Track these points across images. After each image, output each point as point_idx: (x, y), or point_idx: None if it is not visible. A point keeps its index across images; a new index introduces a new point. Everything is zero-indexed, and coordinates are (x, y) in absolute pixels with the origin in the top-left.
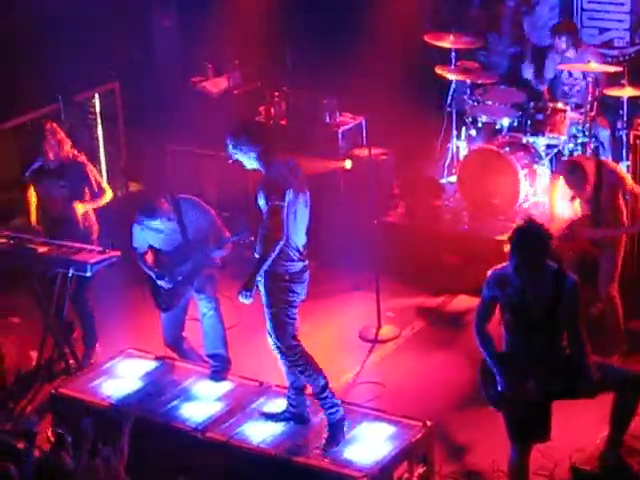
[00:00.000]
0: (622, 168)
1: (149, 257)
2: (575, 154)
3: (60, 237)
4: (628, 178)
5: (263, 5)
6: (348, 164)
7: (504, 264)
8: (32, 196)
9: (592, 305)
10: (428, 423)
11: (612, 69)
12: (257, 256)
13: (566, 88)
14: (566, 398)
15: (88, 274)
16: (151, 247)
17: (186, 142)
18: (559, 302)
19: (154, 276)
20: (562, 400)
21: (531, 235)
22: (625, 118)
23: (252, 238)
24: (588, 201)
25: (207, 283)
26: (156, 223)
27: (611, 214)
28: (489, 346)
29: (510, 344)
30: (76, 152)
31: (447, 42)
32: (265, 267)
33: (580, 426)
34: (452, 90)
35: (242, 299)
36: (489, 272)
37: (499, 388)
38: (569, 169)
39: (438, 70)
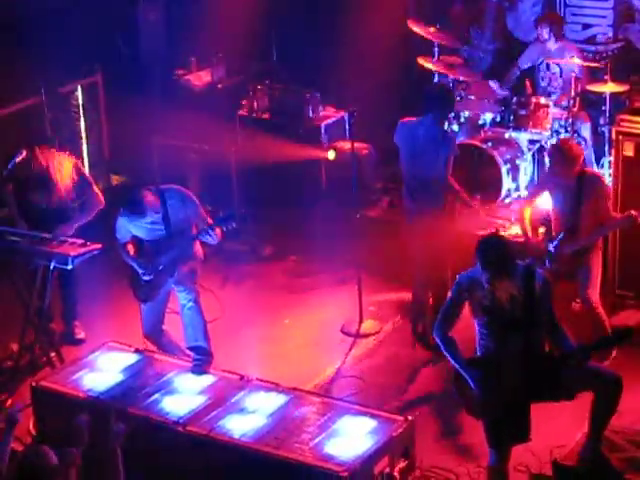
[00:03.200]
0: (607, 184)
1: (131, 248)
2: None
3: (54, 223)
4: (608, 196)
5: None
6: (331, 155)
7: (472, 268)
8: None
9: (572, 301)
10: (409, 417)
11: (595, 64)
12: None
13: (543, 83)
14: (545, 399)
15: (69, 267)
16: (133, 237)
17: (170, 135)
18: (532, 298)
19: (136, 266)
20: (541, 402)
21: (497, 248)
22: (607, 114)
23: (234, 225)
24: (566, 206)
25: (187, 275)
26: (144, 219)
27: (590, 221)
28: (454, 349)
29: (484, 347)
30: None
31: (429, 33)
32: None
33: (559, 423)
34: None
35: None
36: (457, 276)
37: (474, 392)
38: (561, 147)
39: (421, 60)
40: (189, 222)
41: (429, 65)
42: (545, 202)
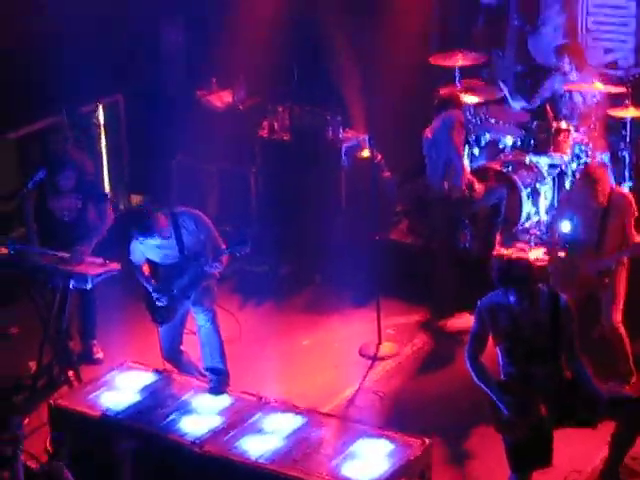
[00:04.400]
0: (633, 202)
1: (146, 270)
2: (577, 175)
3: (74, 238)
4: (634, 214)
5: (270, 20)
6: (365, 153)
7: (491, 293)
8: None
9: (592, 329)
10: (426, 440)
11: (616, 90)
12: None
13: (568, 107)
14: (567, 426)
15: (88, 286)
16: (148, 260)
17: (190, 155)
18: (557, 325)
19: (151, 289)
20: (564, 428)
21: (522, 266)
22: (628, 139)
23: (247, 250)
24: (593, 225)
25: (204, 295)
26: (153, 240)
27: (616, 240)
28: (486, 377)
29: (507, 373)
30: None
31: (455, 61)
32: None
33: (577, 447)
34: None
35: None
36: (478, 303)
37: (505, 412)
38: (587, 175)
39: (443, 92)
40: (203, 245)
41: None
42: (565, 226)
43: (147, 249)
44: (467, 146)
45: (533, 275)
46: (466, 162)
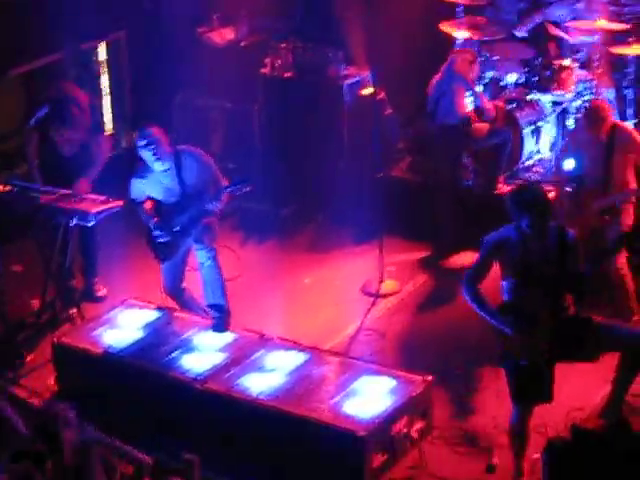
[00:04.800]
0: (636, 132)
1: (148, 206)
2: (581, 112)
3: (76, 173)
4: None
5: None
6: (368, 90)
7: (501, 228)
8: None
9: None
10: (428, 378)
11: (620, 27)
12: None
13: (571, 44)
14: (570, 360)
15: (90, 224)
16: (150, 199)
17: (192, 93)
18: (564, 259)
19: (152, 226)
20: (565, 362)
21: (539, 193)
22: (631, 76)
23: (248, 189)
24: (598, 161)
25: (205, 233)
26: (147, 154)
27: (621, 175)
28: (484, 304)
29: (513, 297)
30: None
31: None
32: None
33: (578, 385)
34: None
35: None
36: (486, 237)
37: (509, 331)
38: (592, 108)
39: (444, 27)
40: (204, 184)
41: (452, 30)
42: (569, 164)
43: (148, 185)
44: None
45: (547, 199)
46: (468, 99)
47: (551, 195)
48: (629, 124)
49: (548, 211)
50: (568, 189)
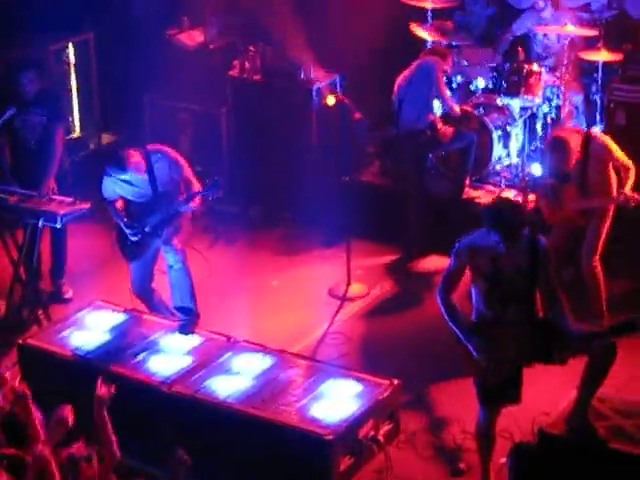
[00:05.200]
0: (610, 140)
1: (119, 206)
2: (549, 117)
3: (41, 168)
4: (617, 151)
5: None
6: (331, 100)
7: (472, 234)
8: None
9: (563, 270)
10: (395, 381)
11: (588, 32)
12: None
13: (540, 50)
14: (539, 363)
15: (58, 225)
16: (122, 198)
17: (161, 94)
18: (535, 267)
19: (122, 225)
20: (534, 365)
21: (513, 212)
22: (600, 82)
23: (220, 194)
24: (574, 175)
25: (174, 235)
26: (125, 176)
27: (599, 187)
28: (456, 315)
29: (481, 314)
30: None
31: (425, 2)
32: None
33: (545, 390)
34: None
35: None
36: (457, 243)
37: (475, 356)
38: (553, 146)
39: (413, 27)
40: (176, 184)
41: (422, 32)
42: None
43: (120, 186)
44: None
45: (520, 219)
46: (435, 103)
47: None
48: (598, 130)
49: (520, 231)
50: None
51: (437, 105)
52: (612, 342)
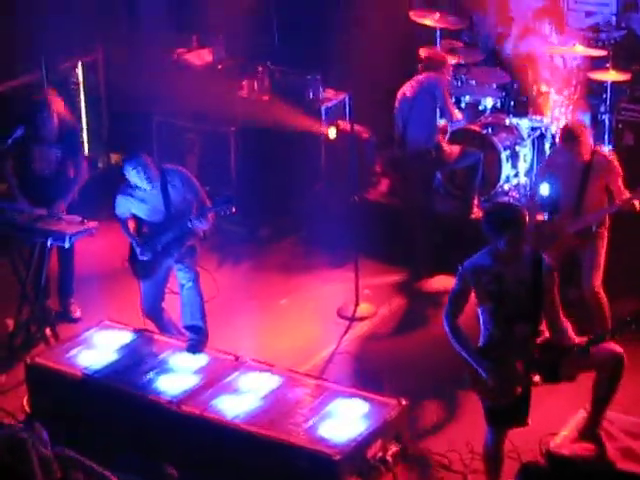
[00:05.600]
0: (615, 159)
1: (131, 224)
2: (557, 137)
3: (53, 194)
4: (619, 173)
5: None
6: (332, 133)
7: (476, 255)
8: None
9: (568, 290)
10: (403, 402)
11: (597, 53)
12: None
13: (548, 70)
14: (548, 383)
15: (66, 245)
16: (135, 216)
17: (169, 114)
18: (538, 284)
19: (134, 244)
20: (544, 385)
21: (517, 210)
22: (608, 102)
23: (233, 210)
24: (572, 191)
25: (187, 254)
26: (134, 177)
27: (597, 200)
28: (463, 339)
29: (489, 335)
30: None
31: (432, 20)
32: None
33: (552, 410)
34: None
35: None
36: (460, 266)
37: (484, 375)
38: (567, 135)
39: (423, 52)
40: (189, 204)
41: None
42: (544, 189)
43: (134, 204)
44: None
45: (524, 216)
46: (441, 122)
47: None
48: (606, 149)
49: (524, 229)
50: (540, 217)
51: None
52: (619, 354)
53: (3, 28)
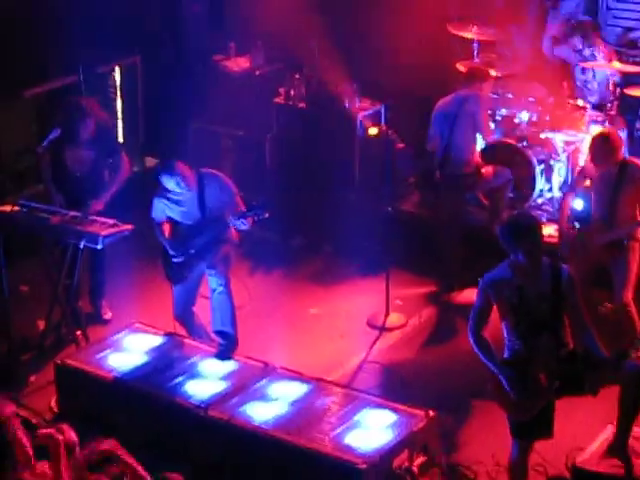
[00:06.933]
0: None
1: (166, 228)
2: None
3: (86, 194)
4: None
5: None
6: (373, 131)
7: (495, 269)
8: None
9: (600, 305)
10: (430, 413)
11: (634, 69)
12: None
13: (579, 83)
14: (572, 395)
15: (99, 246)
16: (170, 220)
17: (206, 120)
18: (559, 295)
19: (168, 247)
20: (568, 397)
21: (533, 219)
22: None
23: (267, 215)
24: (604, 201)
25: (220, 260)
26: (172, 185)
27: (629, 212)
28: (489, 352)
29: (513, 349)
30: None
31: (470, 33)
32: None
33: (579, 425)
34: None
35: None
36: (480, 279)
37: (511, 394)
38: (599, 140)
39: (460, 66)
40: (224, 208)
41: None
42: (578, 203)
43: (169, 207)
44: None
45: (540, 225)
46: (478, 142)
47: (553, 240)
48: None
49: (541, 239)
50: (572, 231)
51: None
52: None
53: (41, 30)
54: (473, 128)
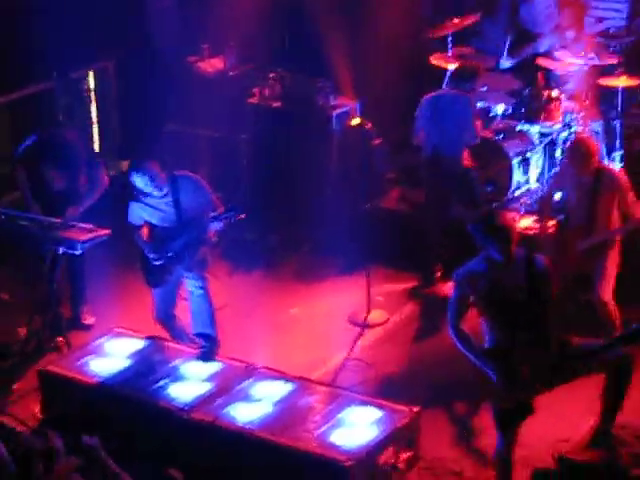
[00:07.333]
0: (623, 176)
1: (144, 231)
2: (568, 143)
3: (65, 203)
4: (628, 189)
5: None
6: (355, 120)
7: (468, 263)
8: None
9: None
10: (414, 408)
11: (609, 59)
12: None
13: (559, 76)
14: (553, 385)
15: (78, 252)
16: (147, 223)
17: (181, 122)
18: (534, 286)
19: (146, 250)
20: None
21: (503, 217)
22: (619, 108)
23: (242, 216)
24: (581, 210)
25: (197, 262)
26: (142, 184)
27: (606, 221)
28: (470, 344)
29: (492, 340)
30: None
31: (451, 27)
32: None
33: (563, 417)
34: (447, 77)
35: None
36: (455, 273)
37: (495, 382)
38: (575, 148)
39: (434, 60)
40: (201, 210)
41: (441, 62)
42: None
43: (146, 211)
44: None
45: (511, 223)
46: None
47: (532, 232)
48: (616, 156)
49: (514, 235)
50: (551, 222)
51: None
52: (626, 355)
53: (16, 36)
54: (463, 129)
